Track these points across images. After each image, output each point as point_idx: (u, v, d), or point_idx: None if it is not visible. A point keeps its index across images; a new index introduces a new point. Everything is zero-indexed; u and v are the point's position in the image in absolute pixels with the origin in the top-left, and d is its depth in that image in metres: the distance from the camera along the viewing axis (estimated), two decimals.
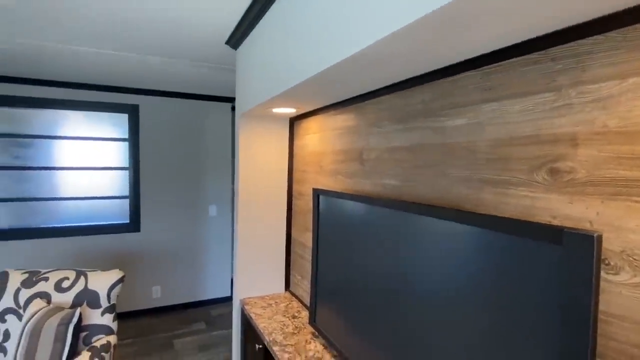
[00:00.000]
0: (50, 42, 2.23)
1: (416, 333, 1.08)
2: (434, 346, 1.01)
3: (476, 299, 0.88)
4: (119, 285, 2.17)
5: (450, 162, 1.12)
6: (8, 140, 3.30)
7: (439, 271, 0.99)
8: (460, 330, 0.93)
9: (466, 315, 0.91)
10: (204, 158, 3.96)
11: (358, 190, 1.61)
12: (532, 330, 0.75)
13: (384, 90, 1.40)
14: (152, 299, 3.79)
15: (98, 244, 3.54)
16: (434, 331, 1.01)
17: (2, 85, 3.14)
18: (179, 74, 2.99)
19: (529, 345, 0.76)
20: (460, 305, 0.92)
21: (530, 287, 0.75)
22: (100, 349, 1.93)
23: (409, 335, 1.11)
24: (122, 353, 3.01)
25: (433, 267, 1.02)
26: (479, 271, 0.88)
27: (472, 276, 0.89)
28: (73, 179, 3.51)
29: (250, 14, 1.71)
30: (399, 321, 1.15)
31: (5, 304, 2.02)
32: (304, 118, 2.13)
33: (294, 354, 1.59)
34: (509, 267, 0.80)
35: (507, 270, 0.80)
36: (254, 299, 2.20)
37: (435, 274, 1.00)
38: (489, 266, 0.85)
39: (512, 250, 0.79)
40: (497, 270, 0.83)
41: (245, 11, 1.74)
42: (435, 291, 1.01)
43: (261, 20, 1.71)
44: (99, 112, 3.55)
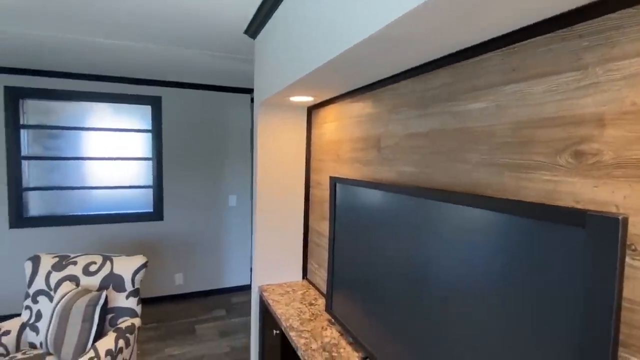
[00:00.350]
0: (77, 35, 2.30)
1: (434, 321, 1.07)
2: (451, 334, 1.00)
3: (496, 285, 0.86)
4: (143, 270, 2.25)
5: (469, 147, 1.09)
6: (40, 132, 3.45)
7: (457, 258, 0.97)
8: (479, 317, 0.91)
9: (485, 302, 0.89)
10: (224, 149, 4.02)
11: (375, 178, 1.60)
12: (553, 317, 0.73)
13: (402, 76, 1.37)
14: (174, 286, 3.91)
15: (124, 232, 3.67)
16: (452, 319, 1.00)
17: (33, 78, 3.27)
18: (200, 65, 3.03)
19: (549, 333, 0.74)
20: (480, 292, 0.91)
21: (551, 272, 0.73)
22: (125, 330, 2.01)
23: (426, 324, 1.10)
24: (147, 337, 3.13)
25: (451, 254, 1.00)
26: (498, 257, 0.85)
27: (492, 262, 0.87)
28: (100, 168, 3.65)
29: (268, 2, 1.71)
30: (415, 309, 1.14)
31: (37, 286, 2.13)
32: (322, 107, 2.12)
33: (310, 340, 1.60)
34: (529, 253, 0.77)
35: (528, 255, 0.78)
36: (272, 286, 2.23)
37: (454, 261, 0.99)
38: (509, 252, 0.82)
39: (533, 235, 0.76)
40: (517, 255, 0.80)
41: (262, 0, 1.74)
42: (453, 278, 0.99)
43: (278, 8, 1.71)
44: (123, 104, 3.65)
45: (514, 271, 0.81)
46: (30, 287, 2.14)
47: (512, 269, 0.81)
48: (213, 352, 2.90)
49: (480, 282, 0.90)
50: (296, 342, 1.58)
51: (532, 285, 0.77)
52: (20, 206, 3.33)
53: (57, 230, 3.43)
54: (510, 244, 0.82)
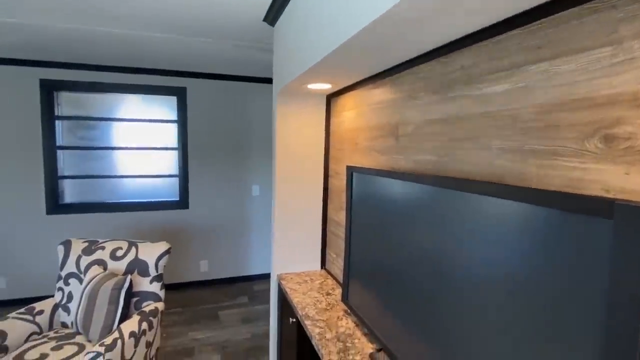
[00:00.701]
0: (107, 27, 2.36)
1: (450, 315, 1.02)
2: (469, 329, 0.96)
3: (516, 278, 0.81)
4: (166, 257, 2.31)
5: (490, 133, 1.02)
6: (73, 123, 3.60)
7: (476, 250, 0.92)
8: (498, 311, 0.86)
9: (505, 296, 0.84)
10: (248, 139, 4.05)
11: (392, 167, 1.55)
12: (579, 312, 0.67)
13: (421, 59, 1.31)
14: (200, 272, 4.02)
15: (151, 219, 3.80)
16: (470, 313, 0.95)
17: (66, 71, 3.41)
18: (222, 55, 3.05)
19: (572, 330, 0.68)
20: (499, 286, 0.85)
21: (576, 266, 0.67)
22: (149, 313, 2.08)
23: (443, 318, 1.06)
24: (172, 321, 3.24)
25: (470, 245, 0.95)
26: (520, 249, 0.80)
27: (513, 254, 0.82)
28: (130, 158, 3.78)
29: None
30: (432, 302, 1.10)
31: (68, 269, 2.24)
32: (341, 94, 2.08)
33: (325, 329, 1.59)
34: (553, 245, 0.71)
35: (552, 248, 0.72)
36: (290, 275, 2.23)
37: (472, 253, 0.94)
38: (532, 243, 0.77)
39: (557, 226, 0.70)
40: (541, 247, 0.75)
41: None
42: (471, 271, 0.94)
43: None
44: (151, 95, 3.75)
45: (536, 264, 0.75)
46: (62, 270, 2.25)
47: (535, 262, 0.76)
48: (235, 338, 2.96)
49: (500, 275, 0.85)
50: (311, 331, 1.58)
51: (555, 279, 0.71)
52: (56, 194, 3.51)
53: (89, 216, 3.60)
54: (532, 235, 0.76)
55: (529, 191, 0.76)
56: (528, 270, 0.77)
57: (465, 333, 0.96)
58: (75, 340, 1.98)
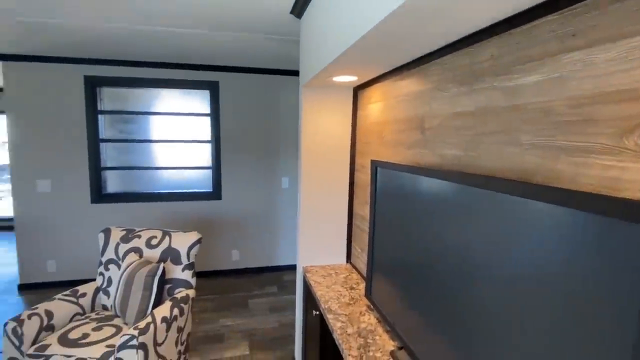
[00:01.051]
0: (144, 25, 2.45)
1: (474, 317, 0.98)
2: (492, 332, 0.91)
3: (546, 282, 0.76)
4: (197, 246, 2.40)
5: (520, 127, 0.96)
6: (114, 117, 3.80)
7: (505, 251, 0.87)
8: (526, 318, 0.82)
9: (533, 302, 0.79)
10: (278, 131, 4.09)
11: (418, 162, 1.50)
12: (611, 323, 0.62)
13: (449, 49, 1.25)
14: (231, 261, 4.15)
15: (186, 209, 3.95)
16: (492, 316, 0.91)
17: (108, 67, 3.59)
18: (252, 49, 3.07)
19: (606, 340, 0.63)
20: (528, 289, 0.81)
21: (611, 276, 0.62)
22: (180, 300, 2.17)
23: (466, 319, 1.02)
24: (204, 307, 3.37)
25: (498, 246, 0.90)
26: (551, 254, 0.75)
27: (541, 259, 0.76)
28: (166, 150, 3.94)
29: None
30: (456, 303, 1.06)
31: (108, 255, 2.38)
32: (367, 86, 2.04)
33: (346, 323, 1.59)
34: (586, 251, 0.66)
35: (585, 254, 0.67)
36: (315, 268, 2.25)
37: (499, 256, 0.89)
38: (563, 248, 0.71)
39: (591, 231, 0.65)
40: (573, 253, 0.69)
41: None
42: (499, 272, 0.89)
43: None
44: (185, 89, 3.87)
45: (567, 271, 0.70)
46: (102, 256, 2.40)
47: (564, 267, 0.71)
48: (263, 326, 3.04)
49: (528, 278, 0.80)
50: (332, 325, 1.58)
51: (588, 287, 0.66)
52: (99, 184, 3.73)
53: (128, 206, 3.81)
54: (563, 239, 0.71)
55: (560, 192, 0.70)
56: (557, 276, 0.72)
57: (487, 336, 0.92)
58: (114, 323, 2.11)
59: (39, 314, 1.96)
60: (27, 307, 3.37)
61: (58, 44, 3.03)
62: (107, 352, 1.83)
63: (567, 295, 0.69)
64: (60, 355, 1.82)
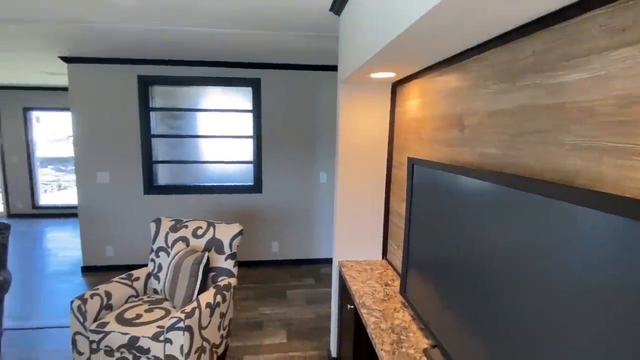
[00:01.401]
0: (191, 27, 2.59)
1: (509, 320, 0.97)
2: (531, 339, 0.90)
3: (584, 290, 0.74)
4: (239, 237, 2.52)
5: (563, 126, 0.92)
6: (164, 113, 4.05)
7: (543, 256, 0.85)
8: (567, 325, 0.80)
9: (575, 310, 0.77)
10: (316, 126, 4.15)
11: (456, 160, 1.47)
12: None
13: (490, 44, 1.21)
14: (271, 252, 4.29)
15: (228, 202, 4.14)
16: (533, 323, 0.89)
17: (159, 67, 3.82)
18: (292, 46, 3.13)
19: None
20: (566, 296, 0.79)
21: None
22: (223, 287, 2.30)
23: (500, 320, 1.01)
24: (245, 295, 3.53)
25: (536, 250, 0.88)
26: (590, 259, 0.72)
27: (582, 264, 0.74)
28: (211, 145, 4.14)
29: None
30: (492, 304, 1.05)
31: (158, 243, 2.57)
32: (406, 82, 2.01)
33: (380, 319, 1.61)
34: (627, 258, 0.64)
35: (626, 261, 0.64)
36: (350, 263, 2.28)
37: (539, 259, 0.87)
38: (604, 254, 0.69)
39: (633, 237, 0.62)
40: (613, 260, 0.67)
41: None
42: (538, 278, 0.87)
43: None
44: (229, 86, 4.03)
45: (613, 281, 0.68)
46: (154, 244, 2.59)
47: (604, 276, 0.68)
48: (300, 317, 3.13)
49: (565, 285, 0.78)
50: (366, 320, 1.61)
51: (629, 297, 0.64)
52: (151, 176, 4.01)
53: (176, 197, 4.06)
54: (604, 246, 0.68)
55: (603, 197, 0.68)
56: (596, 282, 0.70)
57: (523, 338, 0.90)
58: (163, 306, 2.28)
59: (100, 294, 2.17)
60: (88, 288, 3.72)
61: (115, 47, 3.28)
62: (158, 332, 1.99)
63: (608, 302, 0.66)
64: (117, 332, 2.01)
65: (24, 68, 4.47)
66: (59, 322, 3.02)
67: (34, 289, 3.66)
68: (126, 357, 2.03)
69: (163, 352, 1.95)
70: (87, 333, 2.06)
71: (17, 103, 6.31)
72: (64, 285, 3.75)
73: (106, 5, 2.18)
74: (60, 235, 5.58)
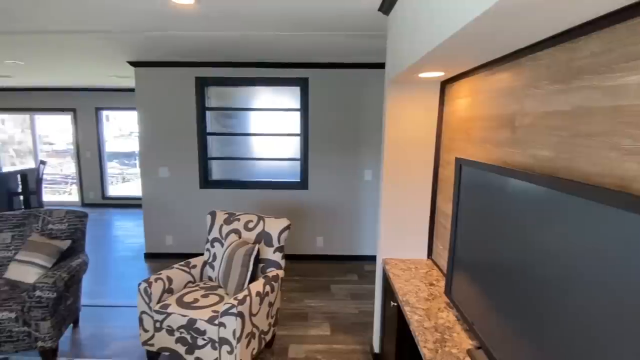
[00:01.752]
0: (243, 31, 2.75)
1: (563, 330, 0.96)
2: (581, 344, 0.89)
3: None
4: (287, 231, 2.64)
5: (621, 130, 0.89)
6: (218, 112, 4.29)
7: (597, 262, 0.84)
8: (620, 334, 0.79)
9: (631, 317, 0.76)
10: (362, 124, 4.17)
11: (506, 161, 1.45)
12: None
13: (544, 44, 1.18)
14: (316, 247, 4.40)
15: (276, 197, 4.30)
16: (586, 332, 0.89)
17: (214, 69, 4.05)
18: (340, 46, 3.19)
19: None
20: (624, 305, 0.78)
21: None
22: (271, 278, 2.43)
23: (549, 326, 1.00)
24: (292, 287, 3.67)
25: (590, 256, 0.86)
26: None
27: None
28: (261, 143, 4.33)
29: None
30: (542, 309, 1.04)
31: (213, 234, 2.76)
32: (455, 81, 1.99)
33: (423, 317, 1.63)
34: None
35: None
36: (394, 261, 2.30)
37: (593, 265, 0.85)
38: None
39: None
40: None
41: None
42: (591, 285, 0.86)
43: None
44: (278, 86, 4.18)
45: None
46: (209, 235, 2.79)
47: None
48: (343, 311, 3.20)
49: (623, 293, 0.77)
50: (409, 317, 1.64)
51: None
52: (206, 172, 4.28)
53: (228, 191, 4.30)
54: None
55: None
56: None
57: (571, 343, 0.89)
58: (217, 292, 2.46)
59: (163, 279, 2.40)
60: (150, 272, 4.08)
61: (175, 51, 3.54)
62: (213, 316, 2.16)
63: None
64: (177, 314, 2.21)
65: (98, 73, 4.96)
66: (125, 301, 3.36)
67: (105, 271, 4.09)
68: (185, 337, 2.22)
69: (217, 334, 2.11)
70: (151, 313, 2.29)
71: (90, 103, 7.00)
72: (129, 269, 4.14)
73: (172, 15, 2.38)
74: (126, 224, 6.13)
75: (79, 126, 7.09)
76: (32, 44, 3.25)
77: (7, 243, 2.72)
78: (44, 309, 2.28)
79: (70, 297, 2.62)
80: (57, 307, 2.39)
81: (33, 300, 2.25)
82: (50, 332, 2.32)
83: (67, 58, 3.91)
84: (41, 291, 2.27)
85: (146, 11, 2.30)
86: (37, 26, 2.66)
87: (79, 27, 2.67)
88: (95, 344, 2.69)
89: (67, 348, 2.63)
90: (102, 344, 2.68)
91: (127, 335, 2.80)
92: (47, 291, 2.28)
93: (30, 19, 2.48)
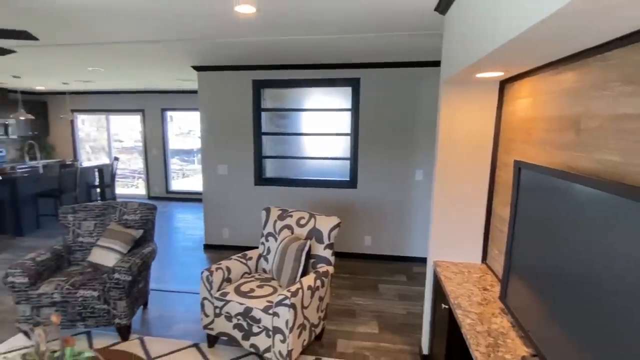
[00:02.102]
0: (295, 35, 2.86)
1: (622, 338, 0.93)
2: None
3: None
4: (336, 229, 2.71)
5: None
6: (272, 113, 4.48)
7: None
8: None
9: None
10: (414, 123, 4.12)
11: (569, 165, 1.39)
12: None
13: (613, 44, 1.13)
14: (364, 246, 4.44)
15: (326, 195, 4.40)
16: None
17: (269, 72, 4.24)
18: (393, 45, 3.19)
19: None
20: None
21: None
22: (322, 274, 2.52)
23: (613, 339, 0.97)
24: (340, 284, 3.75)
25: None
26: None
27: None
28: (313, 142, 4.45)
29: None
30: (604, 321, 1.01)
31: (268, 229, 2.91)
32: (515, 80, 1.93)
33: (476, 321, 1.62)
34: None
35: None
36: (446, 263, 2.28)
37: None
38: None
39: None
40: None
41: None
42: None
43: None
44: (330, 87, 4.26)
45: None
46: (264, 229, 2.95)
47: None
48: (391, 311, 3.21)
49: None
50: (461, 320, 1.63)
51: None
52: (261, 170, 4.49)
53: (281, 189, 4.47)
54: None
55: None
56: None
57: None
58: (271, 284, 2.60)
59: (222, 268, 2.58)
60: (209, 263, 4.37)
61: (235, 56, 3.75)
62: (267, 306, 2.30)
63: None
64: (235, 301, 2.38)
65: (165, 77, 5.39)
66: (187, 288, 3.64)
67: (169, 260, 4.46)
68: (241, 324, 2.39)
69: (271, 323, 2.24)
70: (212, 299, 2.48)
71: (157, 104, 7.61)
72: (189, 259, 4.47)
73: (234, 24, 2.54)
74: (186, 216, 6.59)
75: (147, 125, 7.73)
76: (111, 53, 3.64)
77: (91, 230, 3.09)
78: (121, 290, 2.56)
79: (141, 281, 2.92)
80: (131, 289, 2.68)
81: (112, 282, 2.54)
82: (126, 311, 2.61)
83: (140, 65, 4.31)
84: (119, 274, 2.55)
85: (211, 20, 2.49)
86: (118, 38, 2.98)
87: (153, 37, 2.95)
88: (162, 324, 2.97)
89: (139, 327, 2.93)
90: (168, 325, 2.95)
91: (189, 319, 3.04)
92: (124, 274, 2.56)
93: (111, 33, 2.79)
